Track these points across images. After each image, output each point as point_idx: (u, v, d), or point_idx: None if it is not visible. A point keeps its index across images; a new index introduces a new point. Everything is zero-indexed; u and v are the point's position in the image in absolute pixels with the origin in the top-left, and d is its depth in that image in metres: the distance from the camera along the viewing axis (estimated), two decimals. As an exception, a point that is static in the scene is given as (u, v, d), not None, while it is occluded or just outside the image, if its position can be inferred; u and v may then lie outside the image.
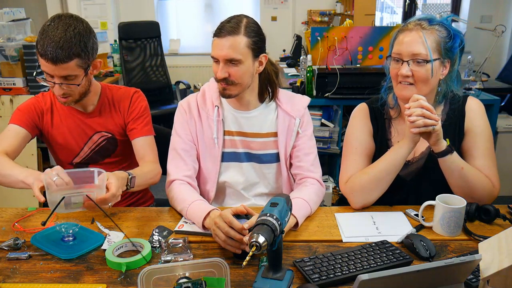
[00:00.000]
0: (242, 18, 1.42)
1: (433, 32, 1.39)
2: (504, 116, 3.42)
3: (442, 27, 1.40)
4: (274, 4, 5.75)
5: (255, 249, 0.96)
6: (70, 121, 1.62)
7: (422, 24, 1.40)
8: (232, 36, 1.37)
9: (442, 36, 1.39)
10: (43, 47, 1.39)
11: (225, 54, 1.38)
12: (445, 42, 1.39)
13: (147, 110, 1.68)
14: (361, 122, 1.57)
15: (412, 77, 1.39)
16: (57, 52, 1.38)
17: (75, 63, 1.43)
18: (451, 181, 1.42)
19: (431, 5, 5.81)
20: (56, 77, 1.44)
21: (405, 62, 1.39)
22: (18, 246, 1.26)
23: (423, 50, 1.37)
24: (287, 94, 1.62)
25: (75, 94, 1.51)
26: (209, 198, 1.58)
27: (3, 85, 3.02)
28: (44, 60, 1.41)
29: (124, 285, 1.10)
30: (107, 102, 1.65)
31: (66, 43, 1.39)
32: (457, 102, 1.50)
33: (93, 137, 1.64)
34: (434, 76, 1.40)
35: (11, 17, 3.19)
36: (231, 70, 1.41)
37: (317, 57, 2.97)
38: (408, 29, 1.41)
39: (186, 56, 5.96)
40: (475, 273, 1.06)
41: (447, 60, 1.42)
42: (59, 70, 1.42)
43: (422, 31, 1.38)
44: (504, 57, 5.13)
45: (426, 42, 1.37)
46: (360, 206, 1.48)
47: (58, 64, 1.40)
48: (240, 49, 1.38)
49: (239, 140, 1.56)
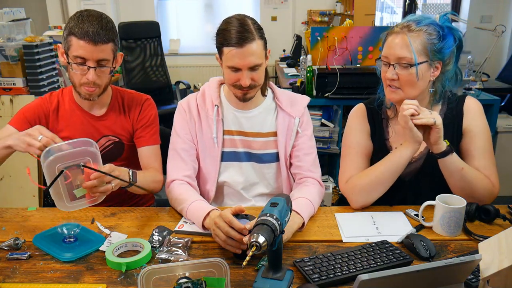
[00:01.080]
0: (246, 20, 1.40)
1: (420, 34, 1.37)
2: (504, 116, 3.42)
3: (431, 28, 1.38)
4: (274, 4, 5.75)
5: (255, 249, 0.96)
6: (78, 123, 1.61)
7: (410, 26, 1.39)
8: (251, 43, 1.36)
9: (429, 38, 1.37)
10: (83, 29, 1.40)
11: (250, 62, 1.38)
12: (432, 44, 1.37)
13: (156, 118, 1.69)
14: (359, 123, 1.58)
15: (398, 80, 1.40)
16: (98, 32, 1.40)
17: (111, 47, 1.46)
18: (451, 182, 1.41)
19: (431, 5, 5.81)
20: (91, 61, 1.43)
21: (391, 66, 1.40)
22: (18, 246, 1.26)
23: (408, 54, 1.37)
24: (286, 94, 1.62)
25: (102, 84, 1.50)
26: (209, 198, 1.58)
27: (3, 85, 3.01)
28: (84, 41, 1.40)
29: (124, 285, 1.10)
30: (118, 106, 1.65)
31: (105, 26, 1.43)
32: (454, 101, 1.50)
33: (100, 140, 1.62)
34: (422, 79, 1.39)
35: (11, 17, 3.19)
36: (254, 75, 1.41)
37: (317, 57, 2.97)
38: (395, 32, 1.41)
39: (186, 56, 5.96)
40: (475, 273, 1.06)
41: (437, 62, 1.40)
42: (97, 52, 1.42)
43: (408, 34, 1.38)
44: (504, 57, 5.13)
45: (411, 46, 1.36)
46: (360, 206, 1.48)
47: (98, 44, 1.41)
48: (260, 53, 1.39)
49: (239, 139, 1.56)
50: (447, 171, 1.39)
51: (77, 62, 1.44)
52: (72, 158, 1.22)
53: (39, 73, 3.01)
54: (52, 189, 1.22)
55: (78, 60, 1.44)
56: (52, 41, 3.22)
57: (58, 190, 1.24)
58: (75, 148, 1.24)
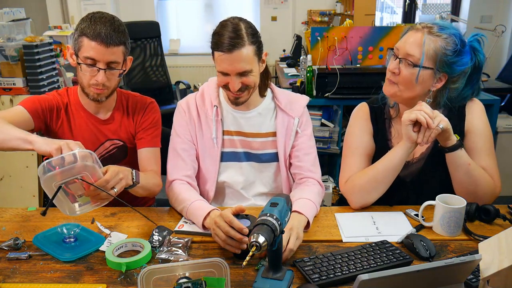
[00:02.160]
0: (240, 24, 1.39)
1: (437, 40, 1.35)
2: (504, 116, 3.42)
3: (451, 39, 1.35)
4: (274, 4, 5.75)
5: (255, 249, 0.96)
6: (83, 125, 1.59)
7: (432, 28, 1.36)
8: (240, 49, 1.35)
9: (445, 47, 1.35)
10: (95, 30, 1.39)
11: (238, 69, 1.38)
12: (445, 55, 1.35)
13: (159, 122, 1.68)
14: (361, 122, 1.57)
15: (397, 76, 1.39)
16: (111, 34, 1.40)
17: (122, 50, 1.46)
18: (456, 177, 1.41)
19: (431, 5, 5.81)
20: (101, 63, 1.43)
21: (398, 59, 1.39)
22: (18, 246, 1.26)
23: (417, 53, 1.35)
24: (286, 93, 1.61)
25: (111, 86, 1.50)
26: (209, 198, 1.58)
27: (3, 85, 3.01)
28: (96, 42, 1.40)
29: (124, 285, 1.10)
30: (122, 109, 1.64)
31: (117, 28, 1.44)
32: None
33: (104, 143, 1.61)
34: (421, 84, 1.38)
35: (11, 17, 3.19)
36: (244, 80, 1.41)
37: (317, 57, 2.97)
38: (415, 28, 1.40)
39: (186, 56, 5.97)
40: (475, 273, 1.06)
41: (442, 74, 1.38)
42: (108, 54, 1.42)
43: (427, 35, 1.35)
44: (504, 57, 5.13)
45: (424, 47, 1.35)
46: (359, 206, 1.48)
47: (110, 46, 1.41)
48: (250, 59, 1.38)
49: (238, 139, 1.56)
50: (454, 165, 1.39)
51: (87, 63, 1.43)
52: (69, 175, 1.18)
53: (39, 73, 3.01)
54: (56, 202, 1.20)
55: (88, 61, 1.43)
56: (52, 41, 3.22)
57: (61, 203, 1.23)
58: (75, 161, 1.19)
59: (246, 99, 1.47)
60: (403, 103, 1.50)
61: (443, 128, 1.29)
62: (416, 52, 1.36)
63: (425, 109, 1.29)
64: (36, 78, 3.01)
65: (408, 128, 1.33)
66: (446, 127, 1.30)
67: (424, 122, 1.28)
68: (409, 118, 1.31)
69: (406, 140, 1.36)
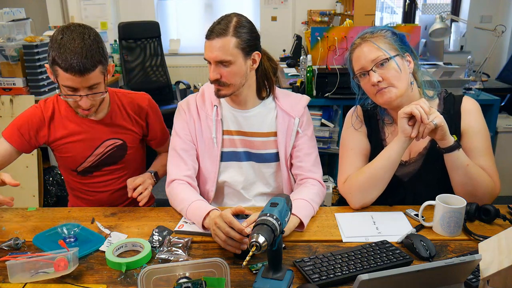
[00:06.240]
0: (232, 18, 1.41)
1: (379, 37, 1.44)
2: (504, 116, 3.42)
3: (385, 31, 1.45)
4: (274, 4, 5.75)
5: (255, 249, 0.96)
6: (78, 129, 1.58)
7: (366, 36, 1.45)
8: (220, 38, 1.38)
9: (389, 36, 1.44)
10: (67, 61, 1.33)
11: (215, 56, 1.39)
12: (394, 40, 1.43)
13: (159, 113, 1.75)
14: (356, 123, 1.58)
15: (384, 81, 1.40)
16: (83, 62, 1.34)
17: (99, 70, 1.40)
18: (455, 177, 1.41)
19: (431, 5, 5.81)
20: (81, 89, 1.39)
21: (371, 71, 1.41)
22: (18, 246, 1.26)
23: (379, 53, 1.40)
24: (286, 93, 1.62)
25: (97, 103, 1.48)
26: (209, 198, 1.58)
27: (3, 85, 3.02)
28: (69, 74, 1.35)
29: (124, 285, 1.10)
30: (118, 108, 1.63)
31: (89, 52, 1.36)
32: (451, 102, 1.50)
33: (102, 144, 1.61)
34: (404, 71, 1.42)
35: (11, 17, 3.19)
36: (223, 72, 1.41)
37: (317, 57, 2.97)
38: (357, 44, 1.46)
39: (186, 56, 5.96)
40: (475, 273, 1.06)
41: (406, 54, 1.45)
42: (85, 81, 1.38)
43: (370, 39, 1.43)
44: (504, 57, 5.13)
45: (378, 45, 1.41)
46: (359, 206, 1.48)
47: (85, 74, 1.36)
48: (229, 50, 1.38)
49: (238, 139, 1.56)
50: (452, 166, 1.39)
51: (69, 91, 1.41)
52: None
53: (39, 73, 3.01)
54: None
55: (68, 89, 1.40)
56: (52, 41, 3.21)
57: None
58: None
59: (228, 94, 1.47)
60: (403, 103, 1.50)
61: (436, 125, 1.30)
62: (377, 53, 1.41)
63: (422, 104, 1.31)
64: (36, 78, 3.01)
65: (403, 121, 1.34)
66: (440, 124, 1.30)
67: (418, 115, 1.30)
68: (404, 111, 1.33)
69: (401, 134, 1.37)
